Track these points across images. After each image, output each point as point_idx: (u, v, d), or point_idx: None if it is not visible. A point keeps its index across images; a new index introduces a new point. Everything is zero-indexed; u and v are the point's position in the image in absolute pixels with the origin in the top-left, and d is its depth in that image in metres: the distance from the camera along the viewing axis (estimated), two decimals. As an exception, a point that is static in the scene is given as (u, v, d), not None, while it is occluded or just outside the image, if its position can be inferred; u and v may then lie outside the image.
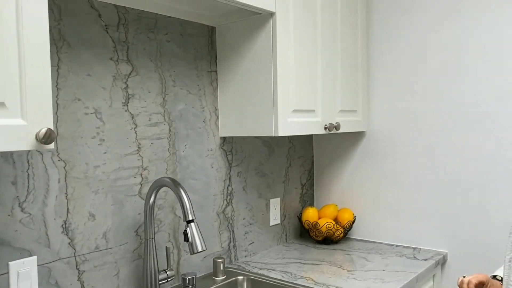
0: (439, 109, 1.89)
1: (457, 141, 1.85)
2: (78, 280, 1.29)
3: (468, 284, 1.30)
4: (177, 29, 1.58)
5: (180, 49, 1.59)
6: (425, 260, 1.79)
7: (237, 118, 1.67)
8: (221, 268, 1.62)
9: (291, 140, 2.14)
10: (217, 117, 1.73)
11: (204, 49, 1.68)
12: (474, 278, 1.30)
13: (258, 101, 1.59)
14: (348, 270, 1.68)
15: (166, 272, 1.43)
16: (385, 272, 1.65)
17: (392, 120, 2.02)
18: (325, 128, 1.77)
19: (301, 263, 1.78)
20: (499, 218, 1.75)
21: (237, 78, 1.66)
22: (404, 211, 2.00)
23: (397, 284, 1.53)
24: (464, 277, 1.31)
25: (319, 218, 2.08)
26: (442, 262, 1.85)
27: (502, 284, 1.33)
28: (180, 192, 1.27)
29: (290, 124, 1.60)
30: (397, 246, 2.00)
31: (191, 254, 1.25)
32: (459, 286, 1.32)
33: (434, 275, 1.84)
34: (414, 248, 1.95)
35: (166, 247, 1.45)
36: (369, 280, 1.57)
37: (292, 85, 1.60)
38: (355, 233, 2.16)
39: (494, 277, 1.35)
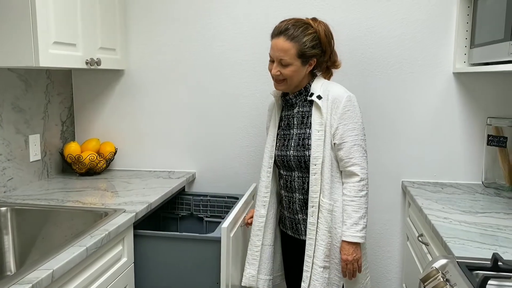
0: (189, 52, 2.21)
1: (204, 78, 2.22)
2: None
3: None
4: None
5: None
6: (178, 178, 2.14)
7: (-10, 47, 1.59)
8: (-20, 201, 1.58)
9: (50, 76, 2.12)
10: (-35, 45, 1.60)
11: None
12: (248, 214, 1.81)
13: (17, 31, 1.56)
14: (112, 192, 1.88)
15: None
16: (145, 189, 1.92)
17: (148, 60, 2.25)
18: (87, 63, 1.86)
19: (66, 191, 1.88)
20: (231, 142, 2.23)
21: (-13, 4, 1.57)
22: (159, 141, 2.30)
23: (155, 196, 1.82)
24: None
25: (82, 152, 2.17)
26: (191, 179, 2.24)
27: None
28: None
29: (52, 55, 1.63)
30: (154, 171, 2.30)
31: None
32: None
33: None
34: (169, 171, 2.29)
35: None
36: (132, 196, 1.81)
37: (51, 16, 1.63)
38: (117, 165, 2.35)
39: None
